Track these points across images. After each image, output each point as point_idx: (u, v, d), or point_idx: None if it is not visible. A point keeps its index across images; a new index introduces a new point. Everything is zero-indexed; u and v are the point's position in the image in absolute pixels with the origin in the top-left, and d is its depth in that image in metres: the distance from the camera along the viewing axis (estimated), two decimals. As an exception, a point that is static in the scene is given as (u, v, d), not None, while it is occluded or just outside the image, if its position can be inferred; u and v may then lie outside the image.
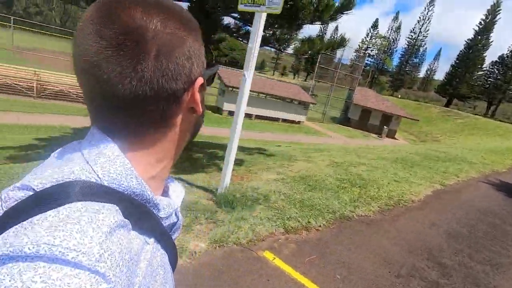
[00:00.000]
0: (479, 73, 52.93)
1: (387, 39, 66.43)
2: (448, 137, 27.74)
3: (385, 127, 25.01)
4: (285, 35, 6.43)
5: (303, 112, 24.07)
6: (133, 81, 0.34)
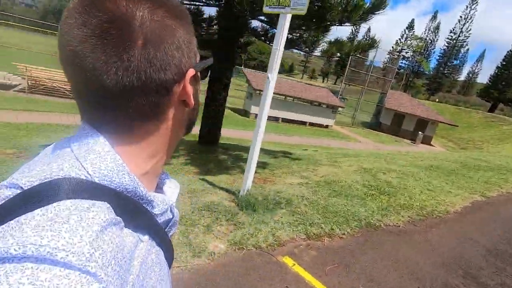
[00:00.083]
0: (529, 75, 48.63)
1: (423, 40, 63.19)
2: (491, 145, 25.57)
3: (420, 132, 23.63)
4: (312, 37, 6.33)
5: (331, 115, 23.56)
6: (119, 70, 0.33)
